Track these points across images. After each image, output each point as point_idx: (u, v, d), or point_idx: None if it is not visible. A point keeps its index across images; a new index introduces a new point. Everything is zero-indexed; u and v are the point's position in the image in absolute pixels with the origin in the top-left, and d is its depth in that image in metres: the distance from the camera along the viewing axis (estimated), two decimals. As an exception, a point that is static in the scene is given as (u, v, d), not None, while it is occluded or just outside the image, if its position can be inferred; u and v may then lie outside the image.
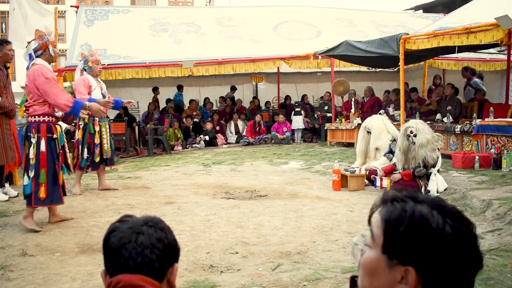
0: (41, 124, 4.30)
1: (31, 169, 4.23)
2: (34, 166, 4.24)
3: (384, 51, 7.90)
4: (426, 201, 0.91)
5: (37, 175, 4.23)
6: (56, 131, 4.40)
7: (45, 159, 4.26)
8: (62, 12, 26.46)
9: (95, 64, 6.14)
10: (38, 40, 4.37)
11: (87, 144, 5.97)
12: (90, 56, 6.15)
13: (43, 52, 4.40)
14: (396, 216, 0.89)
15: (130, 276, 1.08)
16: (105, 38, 11.33)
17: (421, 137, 5.27)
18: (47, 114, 4.36)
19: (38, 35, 4.39)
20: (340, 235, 3.97)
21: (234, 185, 6.47)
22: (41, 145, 4.25)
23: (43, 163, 4.25)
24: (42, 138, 4.27)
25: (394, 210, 0.90)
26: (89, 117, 5.97)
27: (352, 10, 15.36)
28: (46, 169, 4.26)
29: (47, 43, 4.39)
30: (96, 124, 6.02)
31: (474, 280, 0.89)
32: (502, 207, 4.34)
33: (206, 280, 3.00)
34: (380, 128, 6.49)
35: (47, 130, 4.31)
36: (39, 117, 4.32)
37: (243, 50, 11.49)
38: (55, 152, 4.34)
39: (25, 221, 4.25)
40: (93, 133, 5.99)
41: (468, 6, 8.44)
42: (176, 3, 33.02)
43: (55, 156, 4.34)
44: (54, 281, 3.05)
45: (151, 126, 11.10)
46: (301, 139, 12.02)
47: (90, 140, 5.98)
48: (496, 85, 12.72)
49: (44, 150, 4.26)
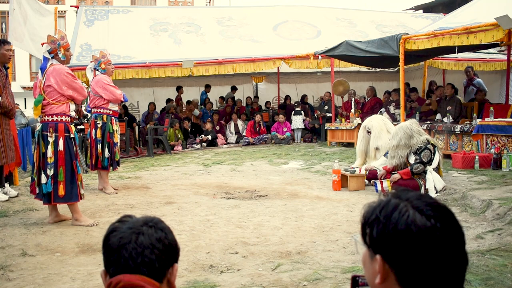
0: (59, 124, 4.41)
1: (50, 167, 4.33)
2: (53, 164, 4.33)
3: (384, 51, 7.90)
4: (405, 197, 0.93)
5: (56, 173, 4.34)
6: (72, 130, 4.51)
7: (63, 158, 4.37)
8: (62, 12, 26.46)
9: (108, 65, 6.23)
10: (50, 45, 4.46)
11: (107, 144, 6.04)
12: (102, 58, 6.20)
13: (55, 56, 4.49)
14: (370, 209, 0.94)
15: (130, 276, 1.08)
16: (105, 38, 11.33)
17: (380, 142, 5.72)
18: (64, 114, 4.46)
19: (50, 40, 4.46)
20: (340, 235, 3.97)
21: (234, 185, 6.47)
22: (59, 144, 4.36)
23: (61, 161, 4.36)
24: (60, 137, 4.37)
25: (372, 204, 0.95)
26: (107, 116, 6.08)
27: (352, 10, 15.35)
28: (64, 168, 4.37)
29: (57, 48, 4.47)
30: (114, 123, 6.12)
31: (463, 278, 0.90)
32: (502, 207, 4.34)
33: (206, 280, 3.00)
34: (380, 128, 6.49)
35: (64, 129, 4.41)
36: (57, 117, 4.41)
37: (243, 50, 11.48)
38: (72, 151, 4.45)
39: (78, 222, 4.40)
40: (112, 132, 6.07)
41: (468, 6, 8.44)
42: (176, 3, 33.02)
43: (72, 155, 4.44)
44: (54, 281, 3.05)
45: (151, 126, 11.10)
46: (301, 139, 12.02)
47: (109, 139, 6.06)
48: (496, 85, 12.72)
49: (62, 149, 4.37)
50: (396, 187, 5.41)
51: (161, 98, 13.35)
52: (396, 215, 0.89)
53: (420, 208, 0.89)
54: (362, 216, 0.95)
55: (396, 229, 0.88)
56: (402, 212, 0.89)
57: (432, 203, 0.91)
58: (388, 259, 0.89)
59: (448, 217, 0.90)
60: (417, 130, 5.48)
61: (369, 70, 13.95)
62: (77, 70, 9.03)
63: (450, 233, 0.88)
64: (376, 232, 0.90)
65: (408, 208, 0.89)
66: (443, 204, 0.93)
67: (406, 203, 0.90)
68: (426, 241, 0.86)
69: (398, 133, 5.50)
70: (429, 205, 0.90)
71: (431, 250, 0.86)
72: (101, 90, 6.02)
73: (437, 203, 0.92)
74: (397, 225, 0.88)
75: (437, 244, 0.86)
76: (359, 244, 0.97)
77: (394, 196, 0.94)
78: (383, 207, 0.92)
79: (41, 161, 4.38)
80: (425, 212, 0.88)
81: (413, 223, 0.87)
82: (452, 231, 0.89)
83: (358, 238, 0.97)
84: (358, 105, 11.57)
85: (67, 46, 4.56)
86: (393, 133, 5.64)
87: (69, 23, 26.49)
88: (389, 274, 0.89)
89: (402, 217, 0.88)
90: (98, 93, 6.06)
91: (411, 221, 0.87)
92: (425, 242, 0.86)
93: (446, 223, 0.89)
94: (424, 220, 0.87)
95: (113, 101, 6.10)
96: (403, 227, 0.87)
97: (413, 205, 0.90)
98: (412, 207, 0.89)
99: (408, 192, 0.94)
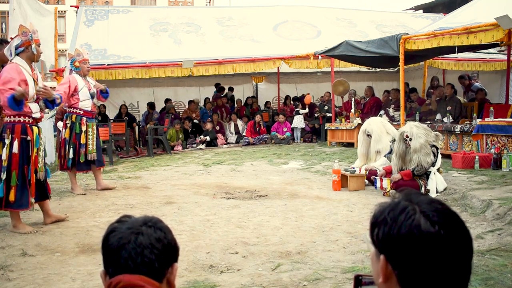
0: (16, 125, 4.14)
1: (3, 171, 4.06)
2: (6, 168, 4.07)
3: (384, 51, 7.90)
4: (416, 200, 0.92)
5: (9, 177, 4.08)
6: (31, 132, 4.21)
7: (17, 161, 4.10)
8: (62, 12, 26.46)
9: (83, 63, 6.00)
10: (21, 37, 4.17)
11: (72, 144, 5.87)
12: (77, 56, 6.02)
13: (25, 49, 4.20)
14: (381, 209, 0.95)
15: (130, 276, 1.08)
16: (105, 38, 11.33)
17: (415, 142, 5.35)
18: (23, 114, 4.17)
19: (21, 31, 4.18)
20: (340, 235, 3.97)
21: (234, 185, 6.47)
22: (14, 147, 4.08)
23: (15, 165, 4.09)
24: (16, 139, 4.10)
25: (384, 204, 0.95)
26: (76, 116, 5.88)
27: (352, 10, 15.34)
28: (17, 172, 4.11)
29: (30, 41, 4.19)
30: (83, 124, 5.92)
31: (467, 283, 0.90)
32: (502, 207, 4.34)
33: (206, 280, 3.00)
34: (379, 131, 6.48)
35: (21, 131, 4.15)
36: (14, 117, 4.15)
37: (243, 50, 11.48)
38: (26, 155, 4.17)
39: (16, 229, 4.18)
40: (78, 132, 5.87)
41: (468, 6, 8.44)
42: (176, 3, 33.03)
43: (25, 159, 4.16)
44: (54, 281, 3.05)
45: (151, 126, 11.10)
46: (301, 139, 12.02)
47: (75, 140, 5.87)
48: (496, 85, 12.71)
49: (17, 152, 4.09)
50: (396, 188, 5.41)
51: (161, 98, 13.35)
52: (402, 217, 0.89)
53: (426, 213, 0.88)
54: (372, 215, 0.96)
55: (400, 231, 0.88)
56: (408, 216, 0.89)
57: (441, 210, 0.90)
58: (391, 260, 0.89)
59: (455, 226, 0.89)
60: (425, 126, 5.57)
61: (369, 70, 13.94)
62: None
63: (454, 242, 0.87)
64: (382, 233, 0.91)
65: (415, 212, 0.89)
66: (453, 211, 0.92)
67: (414, 206, 0.90)
68: (428, 246, 0.86)
69: (419, 133, 5.34)
70: (437, 211, 0.89)
71: (433, 256, 0.86)
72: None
73: (447, 210, 0.91)
74: (401, 228, 0.88)
75: (439, 251, 0.86)
76: (369, 242, 0.98)
77: (405, 198, 0.94)
78: (392, 209, 0.92)
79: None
80: (431, 217, 0.88)
81: (417, 228, 0.87)
82: (457, 240, 0.88)
83: (368, 236, 0.98)
84: (358, 105, 11.57)
85: (38, 41, 4.29)
86: (414, 135, 5.37)
87: (69, 23, 26.53)
88: (391, 274, 0.90)
89: (407, 221, 0.88)
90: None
91: (415, 225, 0.87)
92: (427, 247, 0.86)
93: (452, 231, 0.88)
94: (429, 225, 0.87)
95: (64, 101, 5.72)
96: (407, 230, 0.87)
97: (421, 209, 0.89)
98: (419, 211, 0.89)
99: (420, 195, 0.94)
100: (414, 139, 5.35)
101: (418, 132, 5.39)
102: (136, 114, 13.28)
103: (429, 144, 5.37)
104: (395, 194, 1.00)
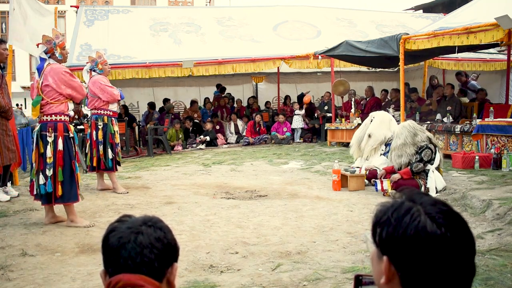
0: (58, 123, 4.38)
1: (49, 168, 4.31)
2: (52, 165, 4.31)
3: (384, 51, 7.90)
4: (420, 201, 0.92)
5: (55, 173, 4.32)
6: (71, 130, 4.49)
7: (62, 158, 4.35)
8: (62, 12, 26.48)
9: (104, 65, 6.22)
10: (46, 45, 4.41)
11: (109, 145, 6.03)
12: (99, 58, 6.19)
13: (52, 56, 4.46)
14: (383, 209, 0.93)
15: (129, 275, 1.08)
16: (105, 38, 11.32)
17: (393, 141, 5.63)
18: (63, 113, 4.43)
19: (45, 40, 4.41)
20: (340, 235, 3.97)
21: (234, 185, 6.47)
22: (59, 144, 4.33)
23: (60, 161, 4.34)
24: (60, 137, 4.35)
25: (386, 204, 0.94)
26: (108, 117, 6.06)
27: (352, 10, 15.34)
28: (63, 168, 4.35)
29: (53, 48, 4.43)
30: (114, 124, 6.12)
31: (470, 284, 0.89)
32: (502, 207, 4.34)
33: (206, 280, 3.00)
34: (383, 119, 6.53)
35: (64, 129, 4.39)
36: (56, 116, 4.39)
37: (243, 50, 11.48)
38: (71, 151, 4.43)
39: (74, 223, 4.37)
40: (113, 133, 6.07)
41: (468, 6, 8.43)
42: (176, 3, 33.02)
43: (71, 155, 4.42)
44: (54, 281, 3.05)
45: (151, 126, 11.10)
46: (301, 139, 12.02)
47: (112, 140, 6.06)
48: (496, 85, 12.71)
49: (62, 149, 4.34)
50: (396, 187, 5.42)
51: (161, 98, 13.33)
52: (407, 219, 0.88)
53: (432, 215, 0.88)
54: (374, 215, 0.95)
55: (405, 233, 0.87)
56: (413, 217, 0.88)
57: (445, 211, 0.89)
58: (395, 261, 0.88)
59: (460, 227, 0.89)
60: (419, 127, 5.59)
61: (369, 70, 13.93)
62: (77, 70, 9.03)
63: (459, 244, 0.87)
64: (385, 234, 0.90)
65: (420, 213, 0.88)
66: (457, 212, 0.91)
67: (419, 207, 0.89)
68: (433, 249, 0.85)
69: (402, 132, 5.53)
70: (442, 213, 0.89)
71: (438, 258, 0.85)
72: (99, 91, 6.00)
73: (451, 211, 0.90)
74: (407, 230, 0.87)
75: (445, 253, 0.85)
76: (369, 242, 0.97)
77: (408, 198, 0.93)
78: (396, 209, 0.91)
79: (39, 162, 4.36)
80: (436, 219, 0.87)
81: (423, 230, 0.86)
82: (462, 242, 0.87)
83: (369, 236, 0.97)
84: (358, 105, 11.56)
85: (63, 45, 4.51)
86: (396, 133, 5.63)
87: (69, 23, 26.53)
88: (394, 276, 0.89)
89: (413, 222, 0.87)
90: (96, 94, 6.03)
91: (421, 227, 0.86)
92: (432, 249, 0.85)
93: (457, 233, 0.87)
94: (435, 227, 0.86)
95: (111, 102, 6.09)
96: (413, 232, 0.86)
97: (426, 210, 0.89)
98: (424, 212, 0.88)
99: (422, 195, 0.93)
100: (394, 138, 5.58)
101: (399, 132, 5.53)
102: (136, 114, 13.28)
103: (415, 144, 5.42)
104: (396, 194, 0.98)
